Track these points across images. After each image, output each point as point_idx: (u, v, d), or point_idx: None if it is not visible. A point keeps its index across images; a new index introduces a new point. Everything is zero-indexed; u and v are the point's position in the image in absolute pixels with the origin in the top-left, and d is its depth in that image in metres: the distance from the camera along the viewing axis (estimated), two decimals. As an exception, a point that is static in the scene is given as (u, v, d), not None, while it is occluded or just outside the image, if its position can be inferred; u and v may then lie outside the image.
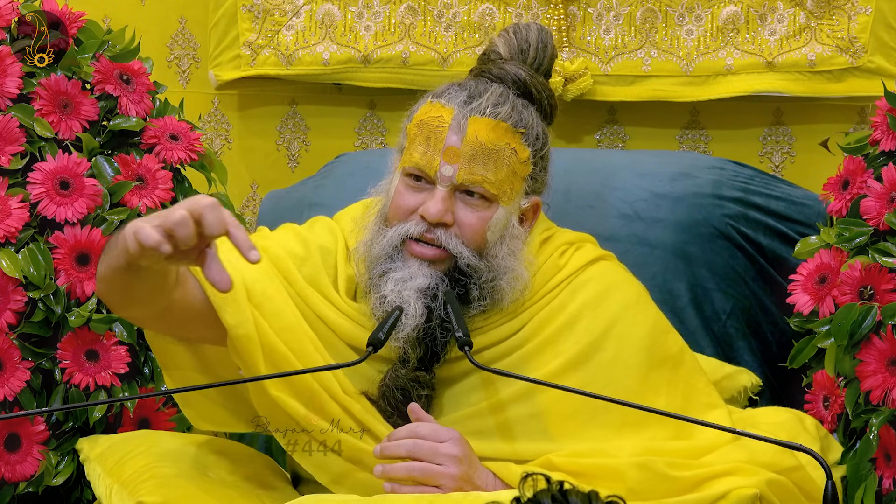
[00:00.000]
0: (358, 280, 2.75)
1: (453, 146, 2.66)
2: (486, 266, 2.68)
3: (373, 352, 2.60)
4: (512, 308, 2.72)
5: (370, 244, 2.71)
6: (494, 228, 2.69)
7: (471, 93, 2.71)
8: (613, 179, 3.27)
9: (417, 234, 2.67)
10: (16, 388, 2.91)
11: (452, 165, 2.66)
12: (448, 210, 2.67)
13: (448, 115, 2.68)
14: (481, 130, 2.67)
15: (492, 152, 2.67)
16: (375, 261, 2.69)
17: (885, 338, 2.76)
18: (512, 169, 2.69)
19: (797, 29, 3.44)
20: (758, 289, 3.24)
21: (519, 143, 2.70)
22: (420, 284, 2.66)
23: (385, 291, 2.66)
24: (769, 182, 3.31)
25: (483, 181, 2.66)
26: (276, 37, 3.59)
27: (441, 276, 2.67)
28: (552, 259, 2.76)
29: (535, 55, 2.80)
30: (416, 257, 2.68)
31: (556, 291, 2.73)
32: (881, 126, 2.99)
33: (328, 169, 3.47)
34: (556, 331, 2.70)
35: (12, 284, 2.93)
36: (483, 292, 2.68)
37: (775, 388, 3.21)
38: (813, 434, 2.79)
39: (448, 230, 2.67)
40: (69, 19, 3.11)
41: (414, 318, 2.64)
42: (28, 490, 2.95)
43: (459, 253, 2.66)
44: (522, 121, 2.71)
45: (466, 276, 2.67)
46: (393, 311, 2.65)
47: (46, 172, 2.98)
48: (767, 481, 2.53)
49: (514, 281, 2.70)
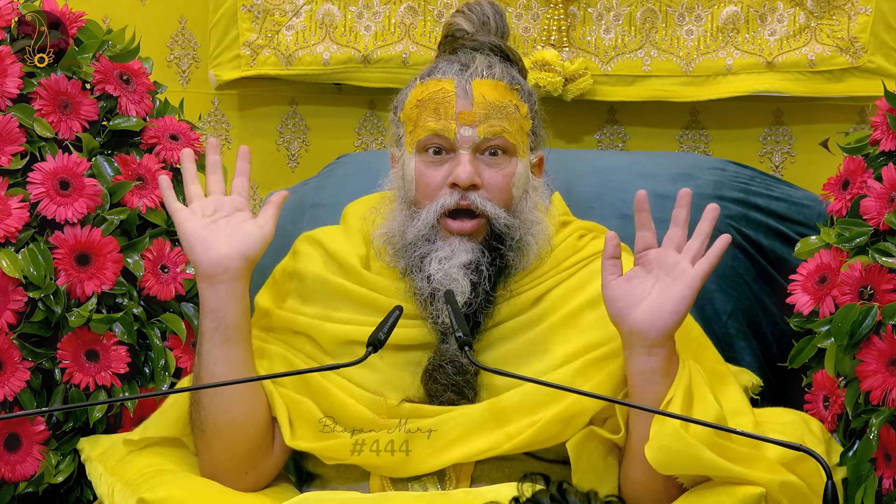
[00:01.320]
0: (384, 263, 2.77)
1: (465, 109, 2.73)
2: (517, 223, 2.73)
3: (373, 351, 2.60)
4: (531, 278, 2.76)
5: (403, 230, 2.74)
6: (518, 183, 2.74)
7: (462, 62, 2.78)
8: (614, 180, 3.28)
9: (454, 205, 2.71)
10: (16, 388, 2.91)
11: (471, 126, 2.72)
12: (476, 172, 2.72)
13: (449, 84, 2.75)
14: (487, 91, 2.74)
15: (501, 108, 2.73)
16: (412, 246, 2.72)
17: (885, 338, 2.76)
18: (519, 123, 2.76)
19: (797, 29, 3.44)
20: (758, 289, 3.24)
21: (518, 100, 2.77)
22: (463, 260, 2.70)
23: (431, 271, 2.69)
24: (770, 183, 3.31)
25: (503, 130, 2.72)
26: (276, 37, 3.59)
27: (481, 248, 2.71)
28: (571, 240, 2.83)
29: (496, 24, 2.88)
30: (454, 234, 2.70)
31: (575, 268, 2.79)
32: (881, 126, 2.98)
33: (329, 170, 3.47)
34: (578, 308, 2.74)
35: (12, 284, 2.93)
36: (517, 253, 2.73)
37: (776, 389, 3.21)
38: (818, 436, 2.80)
39: (480, 193, 2.72)
40: (69, 19, 3.11)
41: (463, 294, 2.68)
42: (28, 490, 2.95)
43: (496, 215, 2.71)
44: (514, 79, 2.80)
45: (502, 240, 2.71)
46: (393, 311, 2.65)
47: (46, 172, 2.98)
48: (780, 483, 2.54)
49: (539, 234, 2.76)
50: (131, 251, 3.03)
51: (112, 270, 2.98)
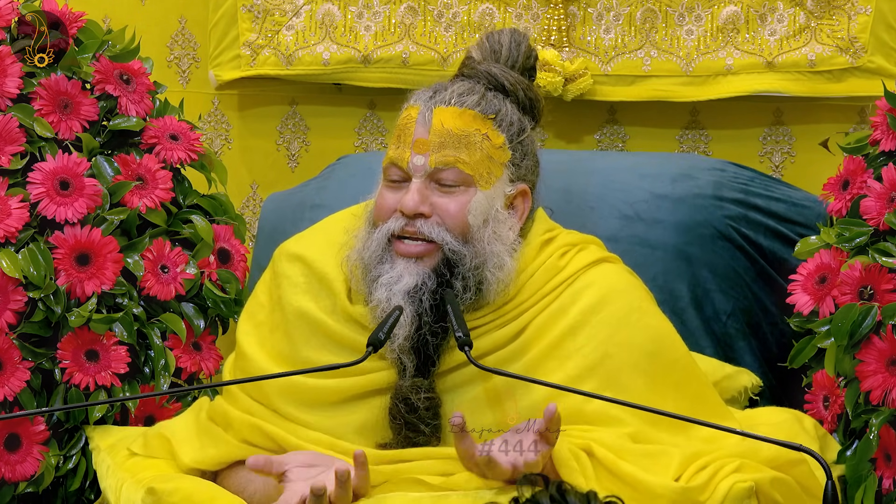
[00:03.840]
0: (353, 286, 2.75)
1: (421, 137, 2.70)
2: (470, 252, 2.68)
3: (373, 351, 2.60)
4: (509, 308, 2.72)
5: (362, 251, 2.73)
6: (476, 212, 2.70)
7: (436, 89, 2.76)
8: (614, 180, 3.27)
9: (399, 230, 2.69)
10: (16, 388, 2.91)
11: (423, 155, 2.69)
12: (424, 200, 2.69)
13: (415, 111, 2.73)
14: (447, 119, 2.71)
15: (461, 138, 2.70)
16: (368, 266, 2.71)
17: (885, 338, 2.76)
18: (486, 154, 2.71)
19: (797, 29, 3.44)
20: (758, 290, 3.24)
21: (490, 129, 2.73)
22: (407, 285, 2.67)
23: (377, 298, 2.68)
24: (770, 184, 3.31)
25: (456, 161, 2.69)
26: (276, 37, 3.59)
27: (428, 272, 2.68)
28: (552, 260, 2.76)
29: (507, 54, 2.84)
30: (402, 256, 2.69)
31: (555, 293, 2.73)
32: (881, 126, 2.98)
33: (329, 170, 3.47)
34: (559, 336, 2.69)
35: (12, 284, 2.93)
36: (468, 282, 2.68)
37: (775, 389, 3.21)
38: (811, 434, 2.80)
39: (428, 220, 2.69)
40: (69, 19, 3.11)
41: (404, 327, 2.65)
42: (28, 490, 2.95)
43: (442, 239, 2.68)
44: (492, 108, 2.74)
45: (452, 268, 2.68)
46: (393, 311, 2.65)
47: (46, 172, 2.98)
48: (771, 479, 2.54)
49: (498, 270, 2.69)
50: (131, 251, 3.03)
51: (112, 270, 2.98)
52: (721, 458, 2.56)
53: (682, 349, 2.76)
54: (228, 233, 3.18)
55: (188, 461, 2.71)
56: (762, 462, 2.56)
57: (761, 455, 2.57)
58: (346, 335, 2.72)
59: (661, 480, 2.52)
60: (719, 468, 2.54)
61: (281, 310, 2.79)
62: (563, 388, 2.57)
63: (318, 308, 2.76)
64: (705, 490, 2.52)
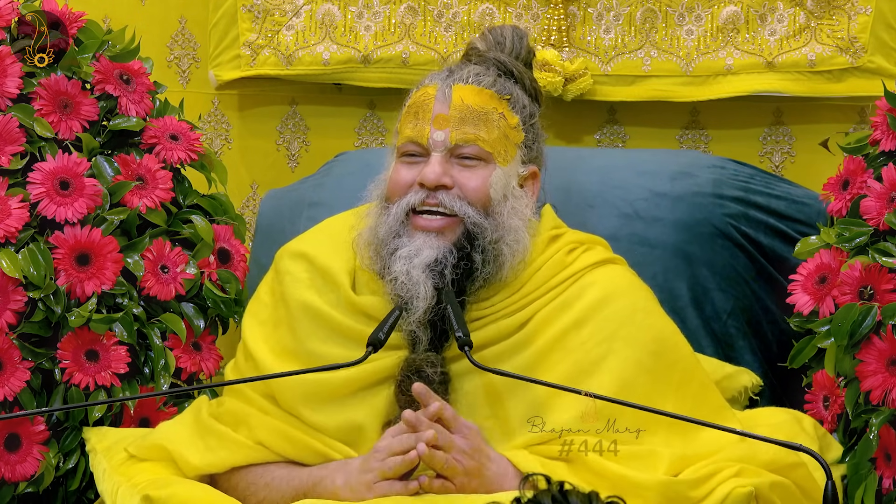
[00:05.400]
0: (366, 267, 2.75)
1: (441, 113, 2.72)
2: (491, 225, 2.70)
3: (373, 351, 2.60)
4: (517, 298, 2.72)
5: (375, 227, 2.73)
6: (496, 186, 2.72)
7: (452, 69, 2.80)
8: (614, 178, 3.27)
9: (419, 203, 2.70)
10: (16, 388, 2.91)
11: (443, 130, 2.71)
12: (445, 173, 2.71)
13: (432, 90, 2.76)
14: (467, 95, 2.73)
15: (480, 114, 2.72)
16: (384, 242, 2.71)
17: (885, 338, 2.76)
18: (503, 132, 2.74)
19: (797, 29, 3.44)
20: (758, 288, 3.24)
21: (507, 109, 2.76)
22: (427, 258, 2.67)
23: (395, 272, 2.68)
24: (770, 181, 3.31)
25: (476, 139, 2.71)
26: (276, 37, 3.59)
27: (449, 247, 2.69)
28: (559, 255, 2.77)
29: (511, 46, 2.88)
30: (422, 230, 2.69)
31: (561, 287, 2.74)
32: (881, 126, 2.98)
33: (327, 168, 3.47)
34: (563, 330, 2.70)
35: (12, 284, 2.93)
36: (487, 255, 2.70)
37: (776, 388, 3.21)
38: (811, 434, 2.80)
39: (450, 193, 2.70)
40: (69, 19, 3.11)
41: (425, 300, 2.66)
42: (28, 490, 2.95)
43: (465, 213, 2.69)
44: (506, 89, 2.78)
45: (472, 241, 2.68)
46: (393, 311, 2.65)
47: (46, 172, 2.98)
48: (770, 483, 2.54)
49: (515, 243, 2.71)
50: (131, 251, 3.03)
51: (112, 270, 2.98)
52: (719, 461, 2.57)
53: (685, 349, 2.77)
54: (228, 233, 3.18)
55: (198, 465, 2.69)
56: (761, 465, 2.57)
57: (760, 458, 2.57)
58: (351, 327, 2.72)
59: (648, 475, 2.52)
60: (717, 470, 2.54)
61: (285, 305, 2.79)
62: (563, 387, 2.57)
63: (323, 301, 2.76)
64: (698, 486, 2.52)
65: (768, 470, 2.56)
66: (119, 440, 2.85)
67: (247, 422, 2.72)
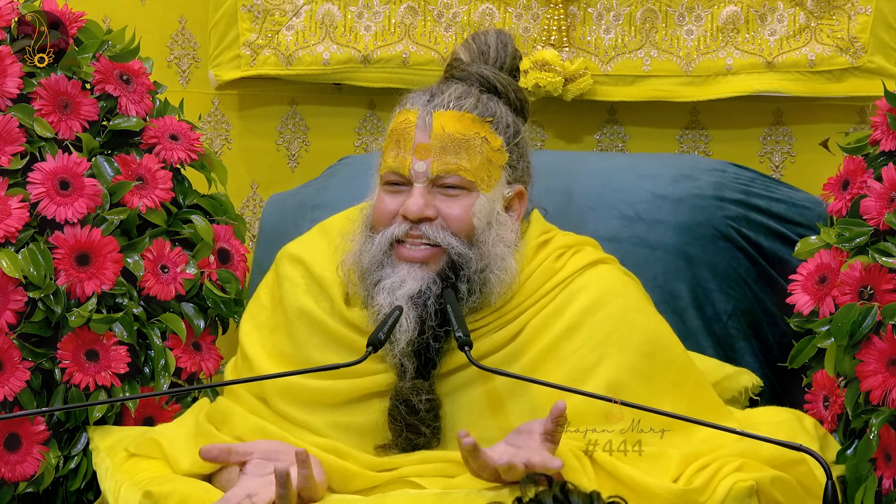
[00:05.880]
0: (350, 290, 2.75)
1: (422, 143, 2.70)
2: (476, 254, 2.68)
3: (373, 351, 2.60)
4: (507, 310, 2.72)
5: (359, 255, 2.72)
6: (480, 215, 2.70)
7: (433, 92, 2.76)
8: (615, 181, 3.27)
9: (402, 235, 2.69)
10: (16, 388, 2.91)
11: (424, 161, 2.69)
12: (428, 204, 2.69)
13: (413, 116, 2.72)
14: (447, 123, 2.70)
15: (462, 142, 2.70)
16: (367, 271, 2.70)
17: (885, 338, 2.76)
18: (486, 157, 2.71)
19: (797, 29, 3.44)
20: (759, 290, 3.24)
21: (489, 132, 2.73)
22: (411, 289, 2.66)
23: (379, 303, 2.67)
24: (770, 184, 3.31)
25: (458, 169, 2.69)
26: (276, 37, 3.59)
27: (433, 277, 2.68)
28: (548, 262, 2.76)
29: (496, 55, 2.85)
30: (405, 261, 2.68)
31: (551, 295, 2.73)
32: (881, 126, 2.98)
33: (331, 171, 3.47)
34: (556, 338, 2.69)
35: (12, 284, 2.93)
36: (472, 285, 2.68)
37: (776, 389, 3.21)
38: (812, 433, 2.80)
39: (433, 224, 2.68)
40: (69, 19, 3.11)
41: (407, 332, 2.65)
42: (28, 490, 2.95)
43: (449, 244, 2.68)
44: (489, 111, 2.75)
45: (458, 271, 2.67)
46: (393, 311, 2.65)
47: (46, 172, 2.98)
48: (771, 478, 2.54)
49: (502, 272, 2.70)
50: (131, 251, 3.03)
51: (112, 270, 2.98)
52: (721, 458, 2.56)
53: (678, 349, 2.76)
54: (228, 233, 3.18)
55: (186, 466, 2.70)
56: (762, 462, 2.57)
57: (761, 455, 2.57)
58: (345, 334, 2.72)
59: (661, 482, 2.52)
60: (720, 468, 2.54)
61: (283, 310, 2.79)
62: (562, 388, 2.56)
63: (319, 308, 2.76)
64: (705, 491, 2.52)
65: (770, 466, 2.56)
66: (121, 439, 2.85)
67: (231, 420, 2.72)
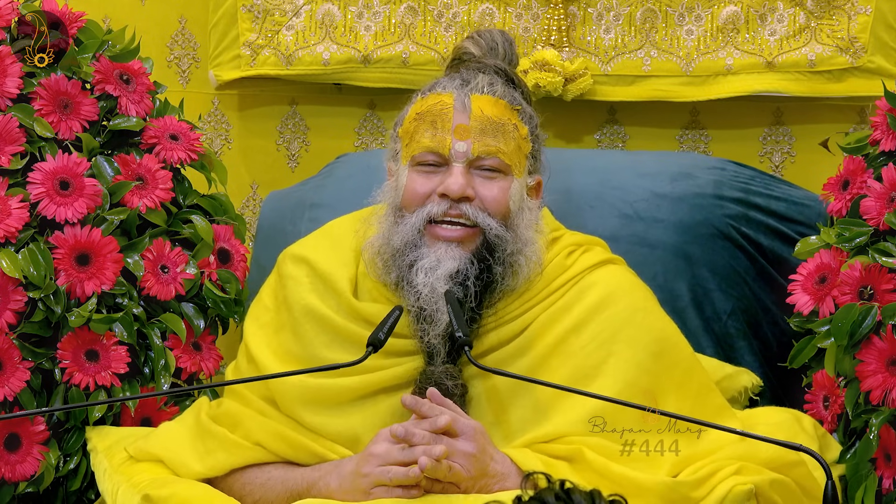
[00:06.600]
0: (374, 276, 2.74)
1: (462, 123, 2.72)
2: (511, 237, 2.71)
3: (373, 351, 2.60)
4: (517, 305, 2.73)
5: (388, 236, 2.72)
6: (515, 198, 2.73)
7: (464, 78, 2.78)
8: (614, 179, 3.27)
9: (441, 214, 2.70)
10: (16, 388, 2.91)
11: (465, 141, 2.71)
12: (468, 184, 2.70)
13: (449, 98, 2.74)
14: (485, 106, 2.73)
15: (498, 126, 2.73)
16: (399, 252, 2.70)
17: (885, 338, 2.76)
18: (517, 143, 2.75)
19: (797, 29, 3.44)
20: (758, 289, 3.24)
21: (518, 120, 2.77)
22: (449, 269, 2.67)
23: (417, 284, 2.67)
24: (770, 183, 3.31)
25: (497, 151, 2.71)
26: (276, 37, 3.59)
27: (470, 257, 2.69)
28: (558, 259, 2.77)
29: (504, 51, 2.89)
30: (441, 240, 2.69)
31: (561, 291, 2.74)
32: (881, 126, 2.99)
33: (328, 170, 3.47)
34: (564, 334, 2.70)
35: (12, 284, 2.93)
36: (506, 268, 2.70)
37: (776, 389, 3.21)
38: (811, 433, 2.80)
39: (472, 204, 2.70)
40: (69, 19, 3.11)
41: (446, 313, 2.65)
42: (28, 490, 2.95)
43: (488, 225, 2.69)
44: (516, 100, 2.78)
45: (493, 253, 2.69)
46: (392, 311, 2.65)
47: (46, 172, 2.98)
48: (770, 481, 2.54)
49: (532, 254, 2.73)
50: (131, 251, 3.03)
51: (112, 270, 2.98)
52: (719, 459, 2.57)
53: (686, 350, 2.77)
54: (228, 233, 3.18)
55: (200, 470, 2.69)
56: (761, 463, 2.57)
57: (760, 456, 2.57)
58: (354, 331, 2.72)
59: (651, 477, 2.52)
60: (717, 469, 2.54)
61: (287, 309, 2.79)
62: (562, 388, 2.57)
63: (325, 306, 2.76)
64: (699, 487, 2.52)
65: (768, 468, 2.56)
66: (120, 439, 2.85)
67: (243, 423, 2.71)
